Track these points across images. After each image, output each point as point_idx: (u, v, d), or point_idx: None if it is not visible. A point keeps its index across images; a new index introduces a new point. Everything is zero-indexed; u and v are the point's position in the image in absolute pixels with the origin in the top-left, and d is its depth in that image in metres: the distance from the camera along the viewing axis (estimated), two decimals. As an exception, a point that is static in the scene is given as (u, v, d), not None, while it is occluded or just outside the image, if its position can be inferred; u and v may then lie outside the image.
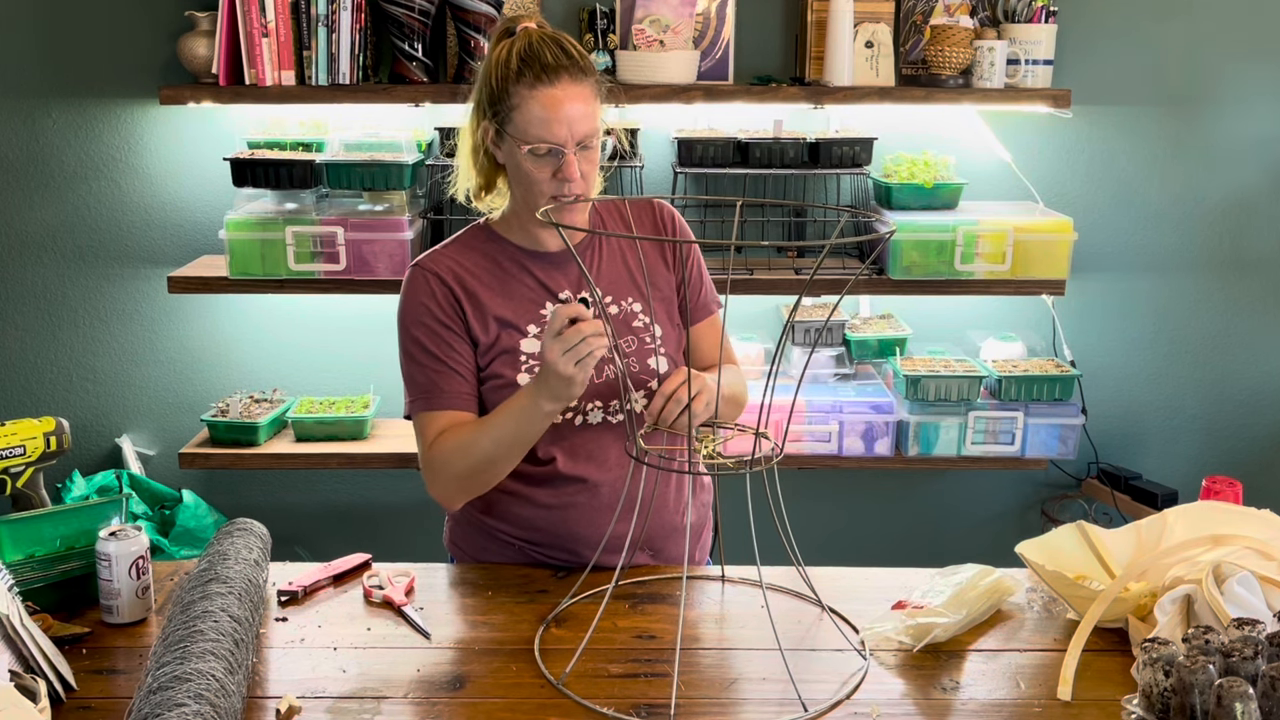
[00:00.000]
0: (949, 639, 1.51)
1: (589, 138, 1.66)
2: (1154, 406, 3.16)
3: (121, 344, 3.05)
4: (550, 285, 1.76)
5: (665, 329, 1.79)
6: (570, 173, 1.64)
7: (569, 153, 1.64)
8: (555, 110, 1.63)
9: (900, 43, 2.88)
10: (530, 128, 1.64)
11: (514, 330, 1.74)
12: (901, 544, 3.14)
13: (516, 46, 1.65)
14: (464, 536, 1.86)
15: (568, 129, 1.63)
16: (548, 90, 1.63)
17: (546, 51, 1.63)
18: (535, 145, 1.64)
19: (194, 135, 2.92)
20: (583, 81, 1.65)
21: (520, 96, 1.64)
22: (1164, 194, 3.03)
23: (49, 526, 1.62)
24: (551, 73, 1.63)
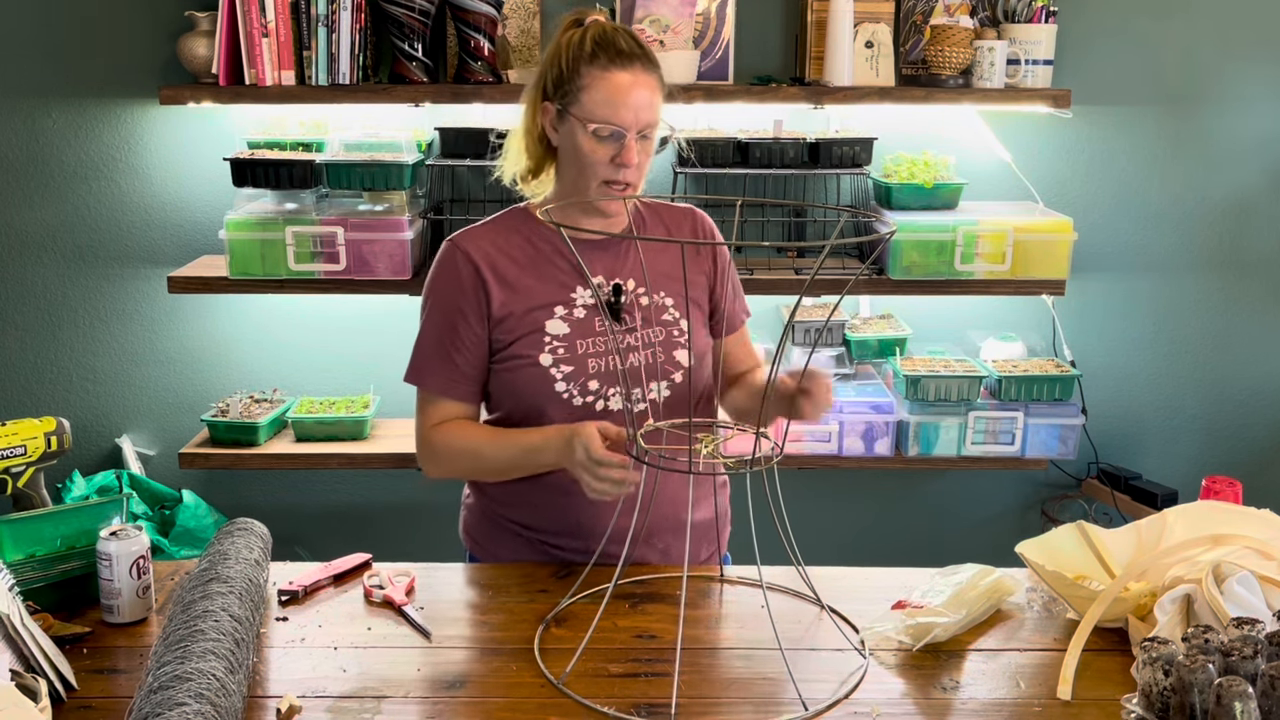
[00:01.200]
0: (949, 639, 1.51)
1: (650, 128, 1.70)
2: (1154, 406, 3.16)
3: (121, 344, 3.05)
4: (583, 270, 1.78)
5: (696, 327, 1.82)
6: (628, 157, 1.68)
7: (630, 138, 1.68)
8: (625, 94, 1.67)
9: (900, 43, 2.88)
10: (598, 109, 1.67)
11: (541, 311, 1.75)
12: (901, 544, 3.15)
13: (591, 32, 1.70)
14: (478, 528, 1.90)
15: (634, 114, 1.67)
16: (620, 74, 1.67)
17: (621, 39, 1.69)
18: (600, 126, 1.68)
19: (194, 135, 2.92)
20: (652, 73, 1.70)
21: (592, 77, 1.67)
22: (1164, 194, 3.03)
23: (49, 526, 1.62)
24: (626, 58, 1.68)
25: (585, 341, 1.74)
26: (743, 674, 1.43)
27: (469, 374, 1.78)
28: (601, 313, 1.73)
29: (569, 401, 1.73)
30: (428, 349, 1.80)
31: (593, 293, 1.75)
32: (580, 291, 1.77)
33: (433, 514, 3.17)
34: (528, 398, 1.75)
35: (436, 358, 1.78)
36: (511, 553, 1.83)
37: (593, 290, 1.74)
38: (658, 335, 1.78)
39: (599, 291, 1.74)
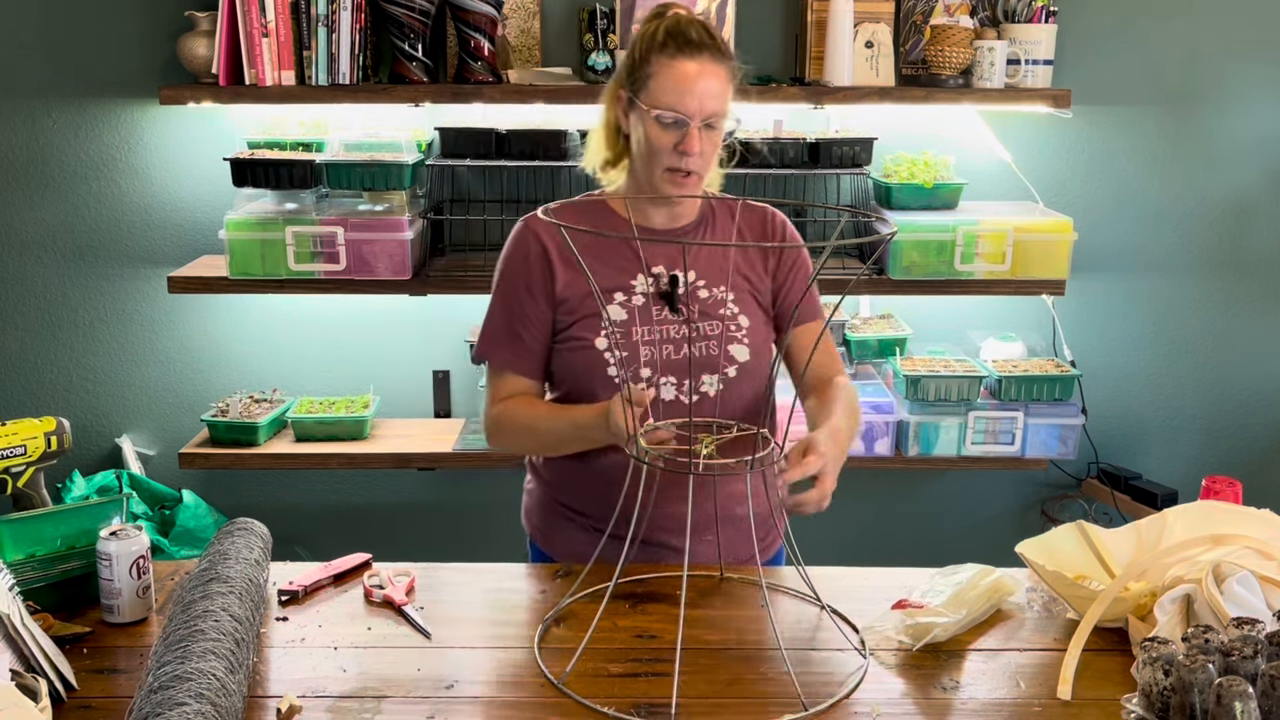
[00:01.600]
0: (949, 639, 1.51)
1: (715, 118, 1.70)
2: (1154, 406, 3.16)
3: (121, 344, 3.05)
4: (646, 258, 1.80)
5: (755, 322, 1.82)
6: (690, 145, 1.69)
7: (694, 125, 1.69)
8: (690, 82, 1.68)
9: (900, 43, 2.88)
10: (663, 95, 1.69)
11: (602, 296, 1.77)
12: (901, 544, 3.15)
13: (665, 23, 1.72)
14: (537, 513, 1.95)
15: (698, 103, 1.68)
16: (686, 62, 1.68)
17: (693, 30, 1.70)
18: (664, 113, 1.69)
19: (194, 135, 2.92)
20: (721, 64, 1.71)
21: (659, 65, 1.70)
22: (1164, 194, 3.03)
23: (50, 526, 1.62)
24: (694, 48, 1.69)
25: (641, 329, 1.76)
26: (742, 674, 1.43)
27: (534, 350, 1.81)
28: (657, 302, 1.76)
29: (619, 387, 1.74)
30: (496, 325, 1.84)
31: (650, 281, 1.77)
32: (641, 280, 1.79)
33: (433, 514, 3.18)
34: (583, 379, 1.78)
35: (504, 334, 1.83)
36: (566, 539, 1.86)
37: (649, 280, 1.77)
38: (714, 329, 1.78)
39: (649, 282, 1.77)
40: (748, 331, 1.81)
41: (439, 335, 3.04)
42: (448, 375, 3.08)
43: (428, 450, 2.86)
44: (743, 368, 1.79)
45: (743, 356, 1.79)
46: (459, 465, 2.88)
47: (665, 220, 1.82)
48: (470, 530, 3.17)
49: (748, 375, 1.80)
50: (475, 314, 2.97)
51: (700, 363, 1.77)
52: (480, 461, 2.86)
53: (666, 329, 1.78)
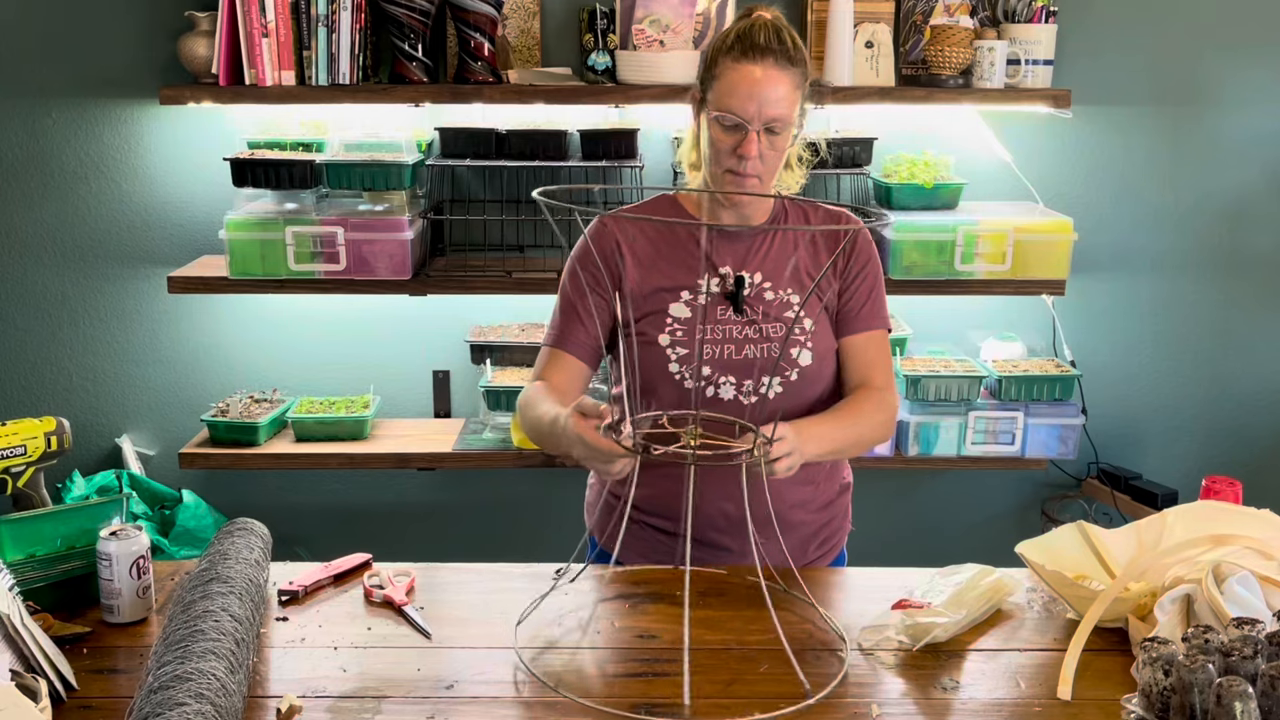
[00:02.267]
0: (949, 639, 1.51)
1: (777, 123, 1.70)
2: (1154, 406, 3.16)
3: (121, 344, 3.05)
4: (713, 258, 1.80)
5: (820, 326, 1.82)
6: (747, 148, 1.70)
7: (752, 129, 1.69)
8: (750, 86, 1.68)
9: (900, 43, 2.88)
10: (724, 98, 1.70)
11: (667, 294, 1.79)
12: (901, 544, 3.14)
13: (739, 25, 1.73)
14: (596, 508, 1.95)
15: (757, 107, 1.68)
16: (749, 66, 1.69)
17: (762, 33, 1.70)
18: (723, 115, 1.70)
19: (194, 135, 2.92)
20: (788, 69, 1.70)
21: (724, 67, 1.71)
22: (1164, 194, 3.03)
23: (50, 526, 1.62)
24: (759, 52, 1.69)
25: (703, 328, 1.77)
26: (744, 673, 1.43)
27: (589, 333, 1.81)
28: (722, 302, 1.77)
29: (680, 383, 1.76)
30: (557, 309, 1.86)
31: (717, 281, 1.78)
32: (706, 280, 1.79)
33: (433, 514, 3.18)
34: (644, 374, 1.78)
35: (561, 316, 1.84)
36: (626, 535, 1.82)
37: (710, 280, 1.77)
38: (777, 331, 1.78)
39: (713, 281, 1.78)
40: (812, 336, 1.80)
41: (439, 335, 3.04)
42: (448, 375, 3.08)
43: (428, 450, 2.86)
44: (804, 371, 1.79)
45: (805, 360, 1.79)
46: (459, 465, 2.88)
47: (735, 220, 1.81)
48: (470, 530, 3.18)
49: (810, 379, 1.79)
50: (475, 314, 3.00)
51: (761, 364, 1.77)
52: (480, 461, 2.86)
53: (730, 329, 1.78)
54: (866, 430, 1.81)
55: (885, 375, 1.86)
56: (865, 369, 1.84)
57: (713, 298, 1.78)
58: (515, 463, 2.86)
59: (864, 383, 1.84)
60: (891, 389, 1.86)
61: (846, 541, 1.97)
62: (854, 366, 1.85)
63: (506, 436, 2.88)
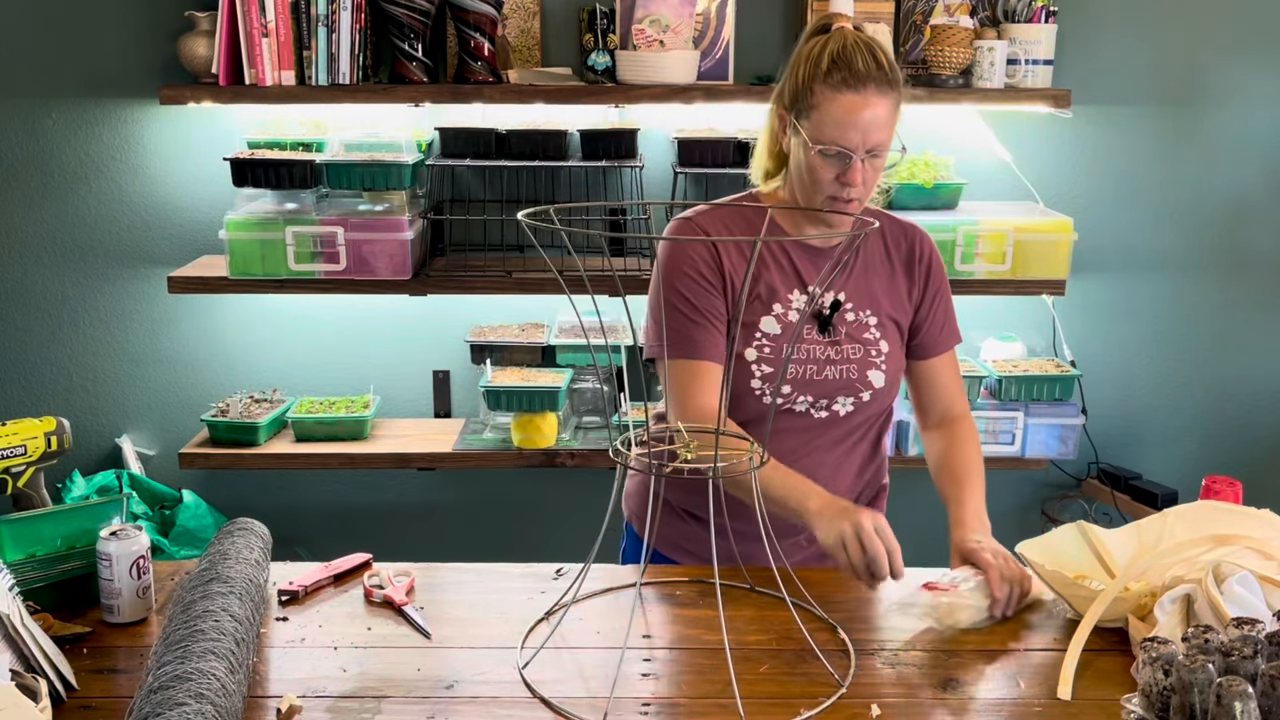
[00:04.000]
0: (973, 624, 1.53)
1: (880, 147, 1.67)
2: (1154, 406, 3.16)
3: (121, 344, 3.05)
4: (804, 274, 1.78)
5: (894, 349, 1.81)
6: (853, 178, 1.66)
7: (857, 159, 1.66)
8: (854, 116, 1.64)
9: (900, 43, 2.88)
10: (825, 129, 1.65)
11: (758, 306, 1.76)
12: (901, 544, 3.14)
13: (830, 46, 1.66)
14: (636, 497, 1.93)
15: (862, 136, 1.64)
16: (852, 96, 1.63)
17: (859, 58, 1.64)
18: (827, 146, 1.66)
19: (194, 135, 2.92)
20: (888, 94, 1.66)
21: (823, 96, 1.65)
22: (1164, 194, 3.03)
23: (50, 526, 1.62)
24: (860, 80, 1.63)
25: (787, 346, 1.75)
26: (743, 674, 1.43)
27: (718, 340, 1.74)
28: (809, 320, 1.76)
29: (759, 398, 1.75)
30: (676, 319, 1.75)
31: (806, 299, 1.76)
32: (797, 295, 1.78)
33: (433, 514, 3.18)
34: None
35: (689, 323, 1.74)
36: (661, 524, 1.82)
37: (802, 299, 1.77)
38: (856, 352, 1.78)
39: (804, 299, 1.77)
40: (887, 358, 1.80)
41: (439, 335, 3.04)
42: (448, 375, 3.08)
43: (428, 450, 2.86)
44: (877, 394, 1.79)
45: (879, 383, 1.79)
46: (459, 465, 2.88)
47: (822, 239, 1.80)
48: (470, 530, 3.18)
49: (880, 400, 1.81)
50: (475, 314, 3.00)
51: (839, 385, 1.77)
52: (480, 461, 2.86)
53: (813, 349, 1.77)
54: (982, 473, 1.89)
55: (960, 390, 1.91)
56: (948, 397, 1.88)
57: (801, 315, 1.76)
58: (515, 463, 2.86)
59: (948, 409, 1.88)
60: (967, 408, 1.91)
61: None
62: (936, 393, 1.88)
63: (506, 436, 2.88)
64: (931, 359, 1.87)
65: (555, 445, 2.84)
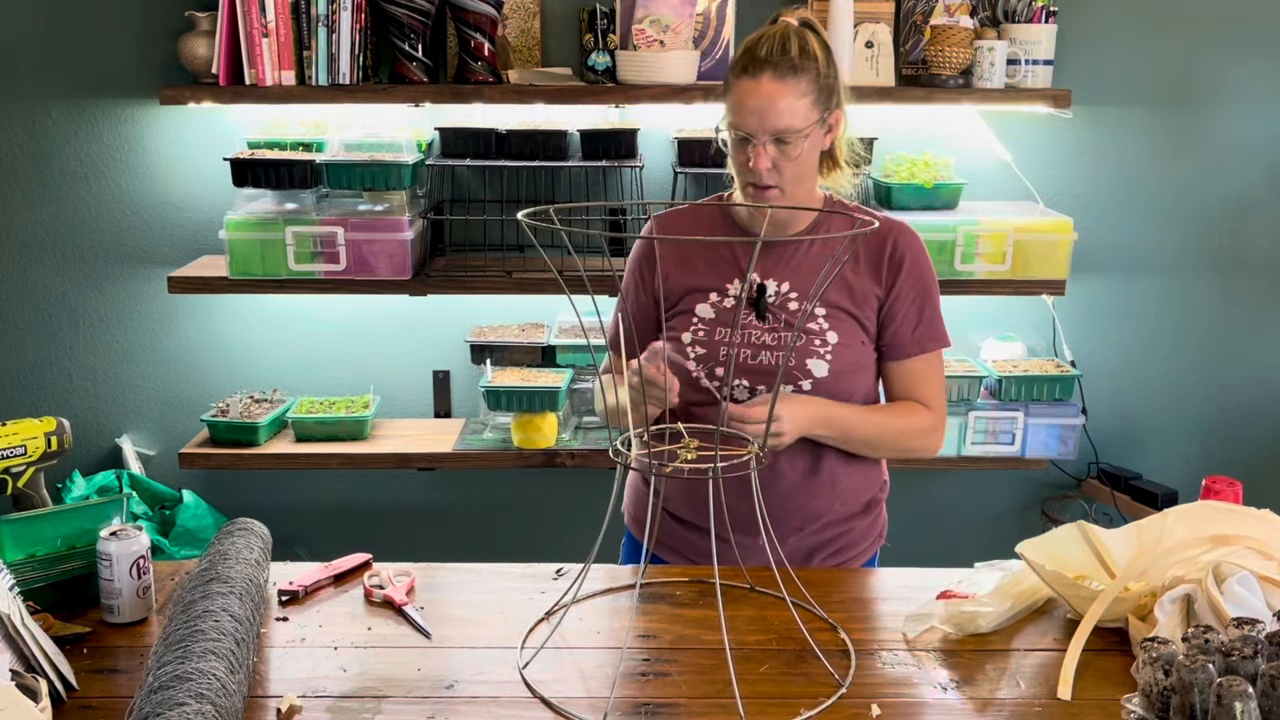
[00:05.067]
0: (992, 629, 1.53)
1: (785, 133, 1.70)
2: (1154, 406, 3.16)
3: (121, 344, 3.05)
4: (743, 263, 1.82)
5: (845, 340, 1.79)
6: (758, 163, 1.71)
7: (758, 143, 1.70)
8: (751, 100, 1.70)
9: (900, 43, 2.88)
10: (731, 113, 1.74)
11: (697, 294, 1.82)
12: (901, 544, 3.14)
13: (747, 39, 1.75)
14: (634, 502, 1.97)
15: (759, 120, 1.70)
16: (749, 82, 1.70)
17: (765, 46, 1.71)
18: (733, 131, 1.74)
19: (194, 135, 2.92)
20: (788, 79, 1.69)
21: (731, 84, 1.74)
22: (1164, 194, 3.03)
23: (50, 526, 1.62)
24: (757, 66, 1.70)
25: (725, 331, 1.79)
26: (743, 674, 1.43)
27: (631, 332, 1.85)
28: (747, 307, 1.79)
29: (696, 381, 1.80)
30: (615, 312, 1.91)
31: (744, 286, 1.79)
32: (736, 284, 1.81)
33: (433, 514, 3.18)
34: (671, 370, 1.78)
35: (614, 318, 1.90)
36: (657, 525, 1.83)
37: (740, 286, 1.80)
38: (796, 340, 1.78)
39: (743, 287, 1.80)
40: (833, 349, 1.78)
41: (439, 335, 3.04)
42: (448, 375, 3.08)
43: (428, 450, 2.86)
44: (818, 383, 1.77)
45: (820, 372, 1.78)
46: (459, 465, 2.88)
47: (771, 230, 1.82)
48: (470, 530, 3.18)
49: (823, 391, 1.78)
50: (475, 314, 3.00)
51: (774, 371, 1.77)
52: (480, 461, 2.86)
53: (750, 333, 1.79)
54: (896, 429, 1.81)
55: (930, 392, 1.84)
56: (909, 390, 1.84)
57: (738, 301, 1.79)
58: (515, 463, 2.86)
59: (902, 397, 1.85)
60: (936, 406, 1.84)
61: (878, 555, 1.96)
62: (897, 391, 1.85)
63: (506, 436, 2.88)
64: (902, 360, 1.83)
65: (555, 445, 2.84)
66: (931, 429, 1.83)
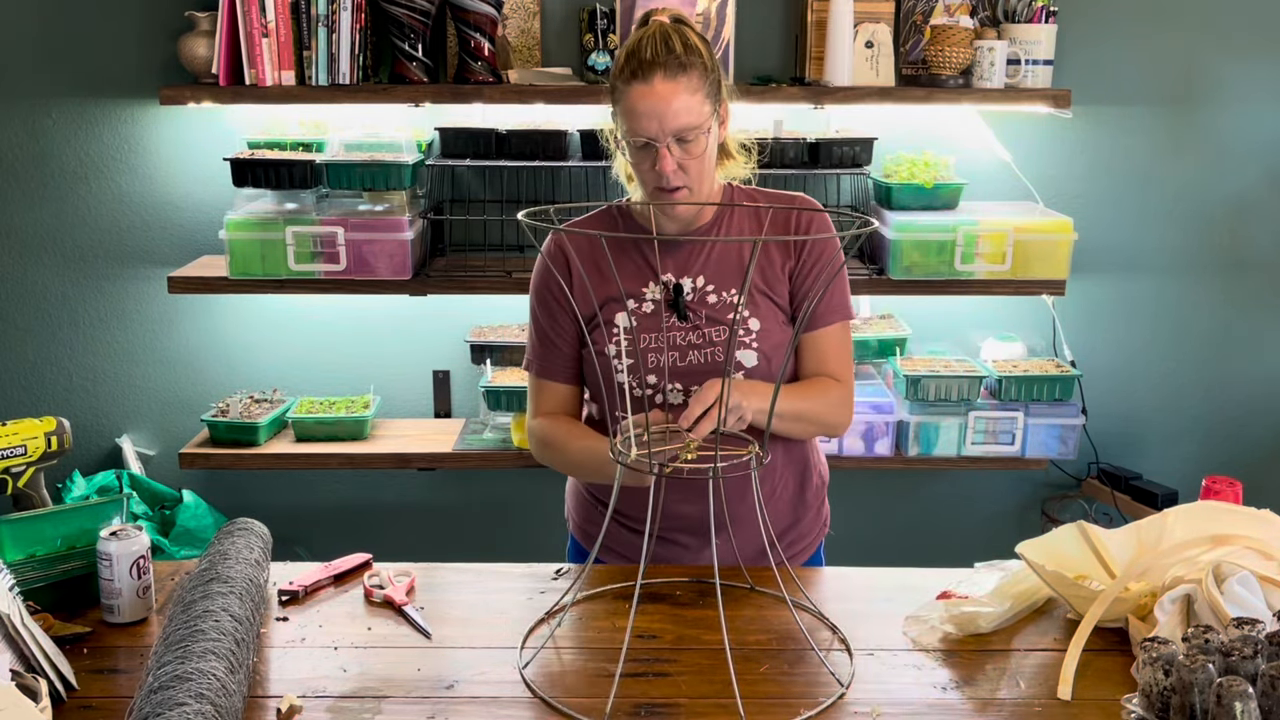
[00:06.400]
0: (992, 629, 1.53)
1: (686, 131, 1.67)
2: (1154, 406, 3.16)
3: (121, 344, 3.05)
4: (655, 266, 1.79)
5: (767, 324, 1.78)
6: (663, 166, 1.68)
7: (660, 146, 1.67)
8: (647, 104, 1.66)
9: (900, 43, 2.88)
10: (626, 120, 1.69)
11: (614, 304, 1.78)
12: (901, 544, 3.15)
13: (628, 43, 1.70)
14: (576, 508, 1.95)
15: (658, 124, 1.66)
16: (641, 86, 1.66)
17: (649, 47, 1.67)
18: (633, 139, 1.69)
19: (194, 135, 2.92)
20: (679, 77, 1.66)
21: (621, 92, 1.69)
22: (1164, 194, 3.03)
23: (50, 526, 1.62)
24: (646, 69, 1.66)
25: (648, 336, 1.77)
26: (743, 674, 1.43)
27: (567, 355, 1.84)
28: (665, 310, 1.77)
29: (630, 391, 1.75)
30: (533, 335, 1.88)
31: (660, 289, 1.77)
32: (652, 287, 1.79)
33: (433, 514, 3.18)
34: (598, 385, 1.80)
35: (538, 342, 1.86)
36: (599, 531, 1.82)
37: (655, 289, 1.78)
38: (720, 334, 1.77)
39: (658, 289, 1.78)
40: (757, 336, 1.77)
41: (439, 335, 3.04)
42: (448, 375, 3.08)
43: (428, 450, 2.86)
44: (750, 373, 1.77)
45: (750, 362, 1.77)
46: (459, 465, 2.88)
47: (678, 228, 1.80)
48: (470, 530, 3.18)
49: (755, 379, 1.77)
50: (475, 314, 3.00)
51: (706, 369, 1.76)
52: (480, 461, 2.86)
53: (673, 335, 1.77)
54: (817, 404, 1.79)
55: (839, 365, 1.83)
56: (819, 363, 1.82)
57: (656, 305, 1.77)
58: (515, 463, 2.86)
59: (818, 374, 1.82)
60: (846, 379, 1.83)
61: (823, 545, 1.96)
62: (810, 361, 1.83)
63: (506, 436, 2.88)
64: (811, 332, 1.82)
65: (555, 445, 2.84)
66: (845, 401, 1.83)
